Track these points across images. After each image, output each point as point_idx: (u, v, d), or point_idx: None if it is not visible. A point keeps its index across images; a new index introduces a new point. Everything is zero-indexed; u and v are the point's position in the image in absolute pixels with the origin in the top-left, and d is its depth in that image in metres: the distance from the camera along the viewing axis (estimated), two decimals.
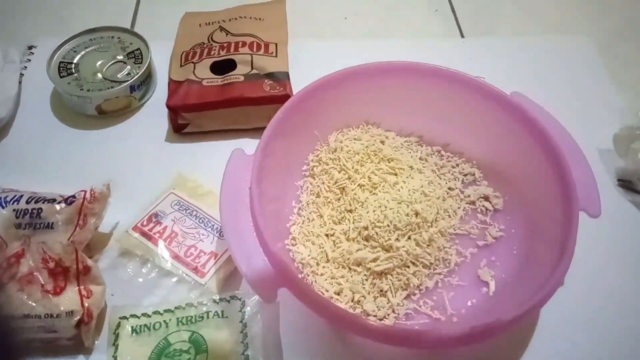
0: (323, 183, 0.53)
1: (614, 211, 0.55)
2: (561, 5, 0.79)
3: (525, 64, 0.70)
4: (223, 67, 0.61)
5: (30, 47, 0.69)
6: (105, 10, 0.76)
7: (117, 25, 0.66)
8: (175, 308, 0.46)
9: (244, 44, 0.63)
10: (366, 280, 0.48)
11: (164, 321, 0.45)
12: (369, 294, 0.47)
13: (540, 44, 0.72)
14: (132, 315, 0.45)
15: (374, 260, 0.48)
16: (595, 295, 0.50)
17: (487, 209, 0.54)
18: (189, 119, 0.59)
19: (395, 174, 0.53)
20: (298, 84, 0.56)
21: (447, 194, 0.54)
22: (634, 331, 0.48)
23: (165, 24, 0.70)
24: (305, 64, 0.63)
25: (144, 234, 0.51)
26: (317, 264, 0.48)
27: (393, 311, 0.46)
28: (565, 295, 0.44)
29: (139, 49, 0.64)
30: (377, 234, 0.49)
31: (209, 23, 0.68)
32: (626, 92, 0.67)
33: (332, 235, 0.50)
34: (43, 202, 0.48)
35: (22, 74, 0.66)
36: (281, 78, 0.60)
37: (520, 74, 0.68)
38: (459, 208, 0.53)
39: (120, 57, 0.64)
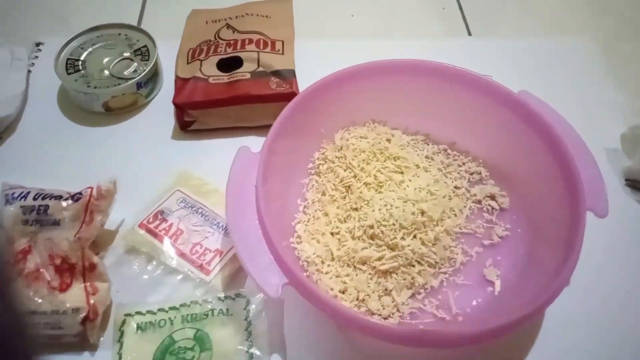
0: (329, 181, 0.53)
1: (621, 211, 0.54)
2: (567, 4, 0.78)
3: (532, 63, 0.69)
4: (229, 64, 0.61)
5: (37, 44, 0.69)
6: (112, 7, 0.76)
7: (123, 23, 0.66)
8: (180, 305, 0.46)
9: (250, 41, 0.63)
10: (371, 279, 0.47)
11: (169, 318, 0.45)
12: (373, 292, 0.47)
13: (547, 44, 0.72)
14: (137, 313, 0.46)
15: (379, 259, 0.48)
16: (601, 296, 0.50)
17: (493, 208, 0.54)
18: (195, 117, 0.59)
19: (401, 173, 0.53)
20: (304, 82, 0.56)
21: (453, 192, 0.54)
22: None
23: (172, 21, 0.70)
24: (311, 62, 0.63)
25: (149, 231, 0.51)
26: (322, 262, 0.48)
27: (398, 310, 0.46)
28: (571, 296, 0.44)
29: (145, 46, 0.65)
30: (382, 232, 0.49)
31: (216, 20, 0.67)
32: (631, 92, 0.66)
33: (338, 233, 0.50)
34: (50, 199, 0.49)
35: (29, 71, 0.66)
36: (287, 76, 0.60)
37: (527, 72, 0.67)
38: (464, 207, 0.53)
39: (127, 54, 0.64)
